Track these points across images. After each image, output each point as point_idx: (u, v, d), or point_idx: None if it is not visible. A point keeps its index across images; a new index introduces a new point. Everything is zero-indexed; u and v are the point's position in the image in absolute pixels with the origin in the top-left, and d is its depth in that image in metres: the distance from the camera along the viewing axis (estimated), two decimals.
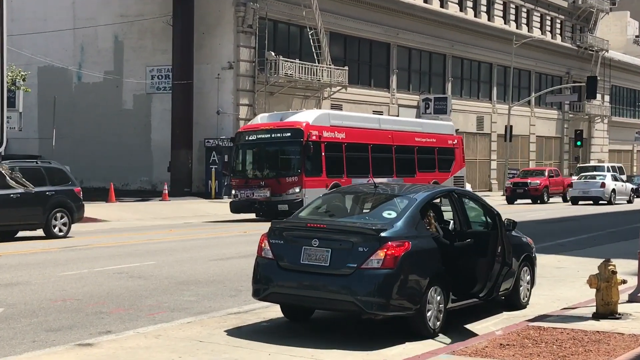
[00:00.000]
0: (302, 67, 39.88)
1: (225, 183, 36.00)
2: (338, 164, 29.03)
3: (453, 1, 53.33)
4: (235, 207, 28.22)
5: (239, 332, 8.95)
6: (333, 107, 42.00)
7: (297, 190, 27.14)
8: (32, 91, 36.51)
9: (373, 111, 43.81)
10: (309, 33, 40.38)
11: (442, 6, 52.25)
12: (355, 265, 8.34)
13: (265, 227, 10.01)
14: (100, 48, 42.30)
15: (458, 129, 41.84)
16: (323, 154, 28.15)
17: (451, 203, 9.86)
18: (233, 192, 28.69)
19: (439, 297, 8.80)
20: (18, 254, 16.02)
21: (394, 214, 8.97)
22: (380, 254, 8.30)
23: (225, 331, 8.99)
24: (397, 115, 47.15)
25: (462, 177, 36.76)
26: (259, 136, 28.46)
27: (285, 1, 40.61)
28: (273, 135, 28.15)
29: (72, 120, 41.73)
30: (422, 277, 8.57)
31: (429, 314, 8.65)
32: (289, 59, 39.63)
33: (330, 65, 41.31)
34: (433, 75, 52.33)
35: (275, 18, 40.64)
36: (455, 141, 36.79)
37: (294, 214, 10.05)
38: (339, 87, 42.38)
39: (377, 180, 28.85)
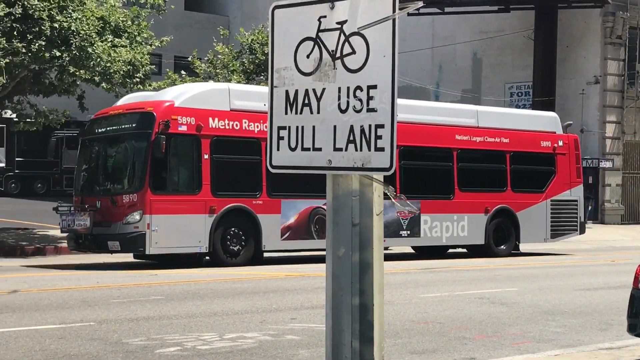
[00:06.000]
0: None
1: (590, 207, 34.81)
2: (248, 174, 18.87)
3: None
4: (70, 242, 19.10)
5: None
6: None
7: (137, 217, 17.33)
8: None
9: None
10: None
11: None
12: None
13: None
14: (459, 66, 43.26)
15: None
16: (206, 156, 18.01)
17: None
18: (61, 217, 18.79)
19: None
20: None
21: None
22: None
23: None
24: None
25: (575, 200, 23.67)
26: (103, 128, 19.04)
27: None
28: (117, 127, 18.70)
29: None
30: None
31: None
32: None
33: None
34: None
35: None
36: (560, 143, 23.73)
37: None
38: None
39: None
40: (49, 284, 14.48)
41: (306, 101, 4.32)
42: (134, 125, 18.06)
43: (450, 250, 23.50)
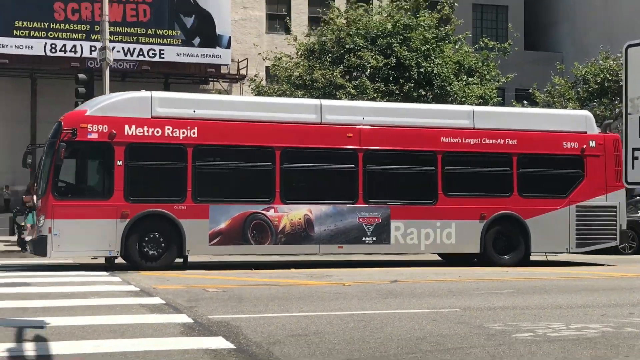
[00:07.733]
0: None
1: None
2: (169, 180, 16.22)
3: None
4: None
5: None
6: None
7: (42, 221, 15.44)
8: None
9: None
10: None
11: None
12: None
13: None
14: None
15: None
16: (120, 162, 15.70)
17: None
18: None
19: None
20: None
21: None
22: None
23: None
24: None
25: (613, 206, 18.03)
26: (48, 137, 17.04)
27: None
28: (49, 136, 16.72)
29: None
30: None
31: None
32: None
33: None
34: None
35: None
36: (592, 143, 18.08)
37: None
38: None
39: (297, 207, 16.30)
40: (421, 276, 15.01)
41: None
42: (50, 134, 16.38)
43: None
